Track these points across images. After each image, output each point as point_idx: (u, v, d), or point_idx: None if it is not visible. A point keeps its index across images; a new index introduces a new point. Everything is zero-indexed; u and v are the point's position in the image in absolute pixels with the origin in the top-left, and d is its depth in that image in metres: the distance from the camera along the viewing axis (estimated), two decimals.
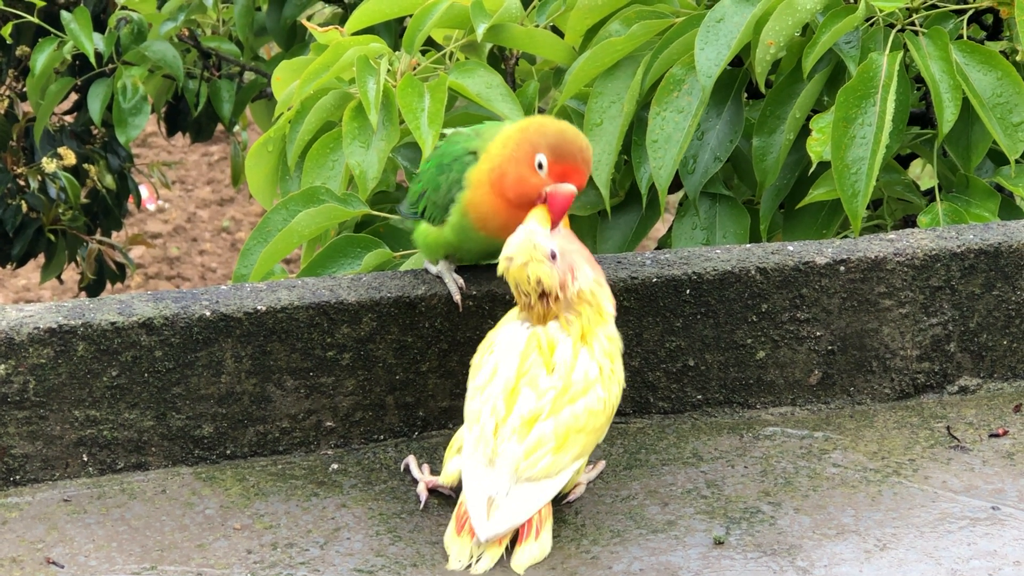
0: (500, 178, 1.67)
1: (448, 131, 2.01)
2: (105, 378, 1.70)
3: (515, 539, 1.57)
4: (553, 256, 1.60)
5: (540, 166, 1.64)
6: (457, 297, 1.76)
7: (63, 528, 1.63)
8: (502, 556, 1.56)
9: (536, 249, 1.60)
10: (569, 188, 1.63)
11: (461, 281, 1.77)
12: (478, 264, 1.81)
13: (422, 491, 1.67)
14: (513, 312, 1.66)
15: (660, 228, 4.60)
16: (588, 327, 1.62)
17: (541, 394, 1.59)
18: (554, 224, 1.63)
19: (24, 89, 3.58)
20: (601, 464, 1.72)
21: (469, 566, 1.56)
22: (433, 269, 1.79)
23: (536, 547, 1.57)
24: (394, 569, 1.57)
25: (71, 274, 4.79)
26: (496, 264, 1.80)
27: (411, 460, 1.72)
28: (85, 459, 1.71)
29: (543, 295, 1.61)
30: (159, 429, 1.72)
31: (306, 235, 2.10)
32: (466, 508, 1.57)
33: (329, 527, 1.64)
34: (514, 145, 1.66)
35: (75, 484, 1.70)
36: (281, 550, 1.60)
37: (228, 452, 1.75)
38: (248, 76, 3.64)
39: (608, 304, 1.64)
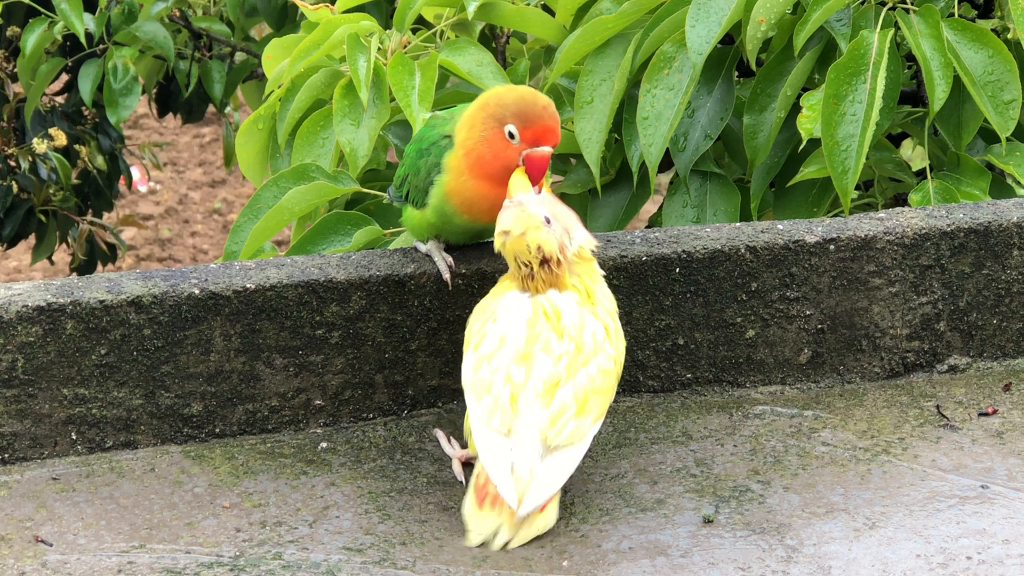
0: (477, 161, 1.69)
1: (427, 115, 2.01)
2: (94, 356, 1.70)
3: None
4: (547, 221, 1.61)
5: (511, 135, 1.66)
6: (447, 276, 1.75)
7: (52, 506, 1.63)
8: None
9: (531, 218, 1.61)
10: (545, 150, 1.66)
11: (450, 259, 1.76)
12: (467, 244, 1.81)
13: (458, 470, 1.66)
14: (505, 282, 1.66)
15: (651, 207, 4.59)
16: (590, 288, 1.62)
17: (556, 359, 1.59)
18: (535, 184, 1.65)
19: (15, 70, 3.57)
20: None
21: (486, 541, 1.55)
22: (423, 248, 1.79)
23: (542, 520, 1.57)
24: (383, 547, 1.57)
25: (62, 255, 4.78)
26: (484, 243, 1.80)
27: (439, 434, 1.71)
28: (74, 437, 1.71)
29: (544, 261, 1.61)
30: (148, 407, 1.72)
31: (296, 212, 2.09)
32: (486, 479, 1.56)
33: (318, 505, 1.63)
34: (480, 125, 1.68)
35: (64, 462, 1.70)
36: (270, 528, 1.59)
37: (217, 430, 1.74)
38: (239, 57, 3.63)
39: (596, 265, 1.66)
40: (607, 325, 1.62)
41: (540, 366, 1.58)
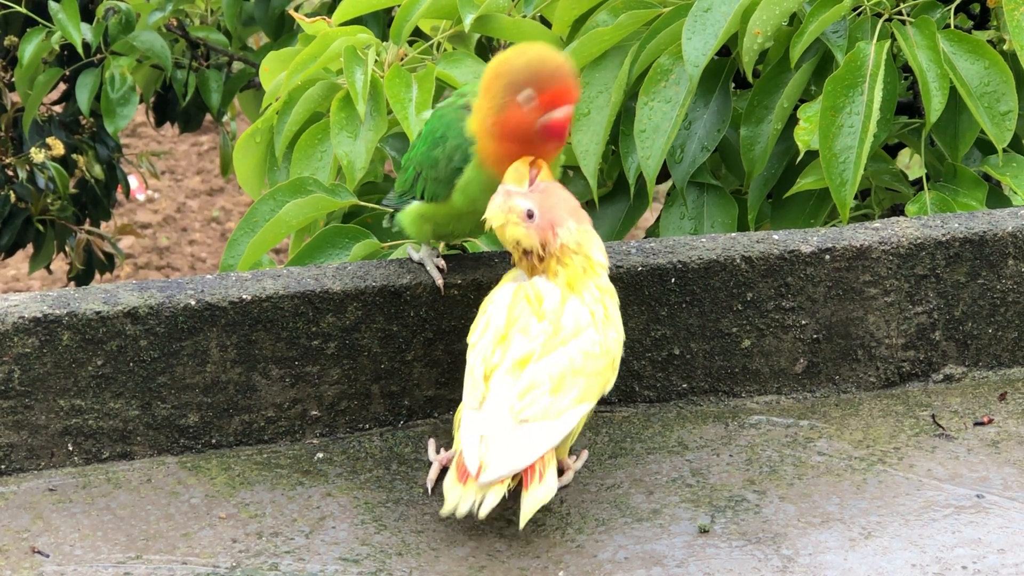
0: (496, 129, 1.66)
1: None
2: (90, 367, 1.70)
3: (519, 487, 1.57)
4: (530, 215, 1.61)
5: (529, 99, 1.63)
6: (439, 281, 1.75)
7: (48, 518, 1.63)
8: (504, 496, 1.55)
9: (511, 211, 1.62)
10: (563, 111, 1.63)
11: (442, 263, 1.76)
12: (464, 252, 1.81)
13: (431, 477, 1.66)
14: (509, 273, 1.67)
15: (649, 218, 4.60)
16: (576, 277, 1.62)
17: (532, 339, 1.59)
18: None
19: (12, 79, 3.58)
20: (585, 453, 1.73)
21: (469, 512, 1.55)
22: (415, 256, 1.79)
23: (542, 490, 1.55)
24: (379, 558, 1.57)
25: (60, 264, 4.79)
26: (480, 253, 1.81)
27: (430, 443, 1.72)
28: (70, 448, 1.71)
29: (527, 253, 1.63)
30: (144, 418, 1.72)
31: (294, 225, 2.09)
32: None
33: (314, 516, 1.64)
34: (498, 91, 1.65)
35: (60, 474, 1.70)
36: (266, 539, 1.60)
37: (213, 441, 1.75)
38: (236, 66, 3.64)
39: (598, 254, 1.64)
40: (594, 311, 1.62)
41: (516, 346, 1.59)
